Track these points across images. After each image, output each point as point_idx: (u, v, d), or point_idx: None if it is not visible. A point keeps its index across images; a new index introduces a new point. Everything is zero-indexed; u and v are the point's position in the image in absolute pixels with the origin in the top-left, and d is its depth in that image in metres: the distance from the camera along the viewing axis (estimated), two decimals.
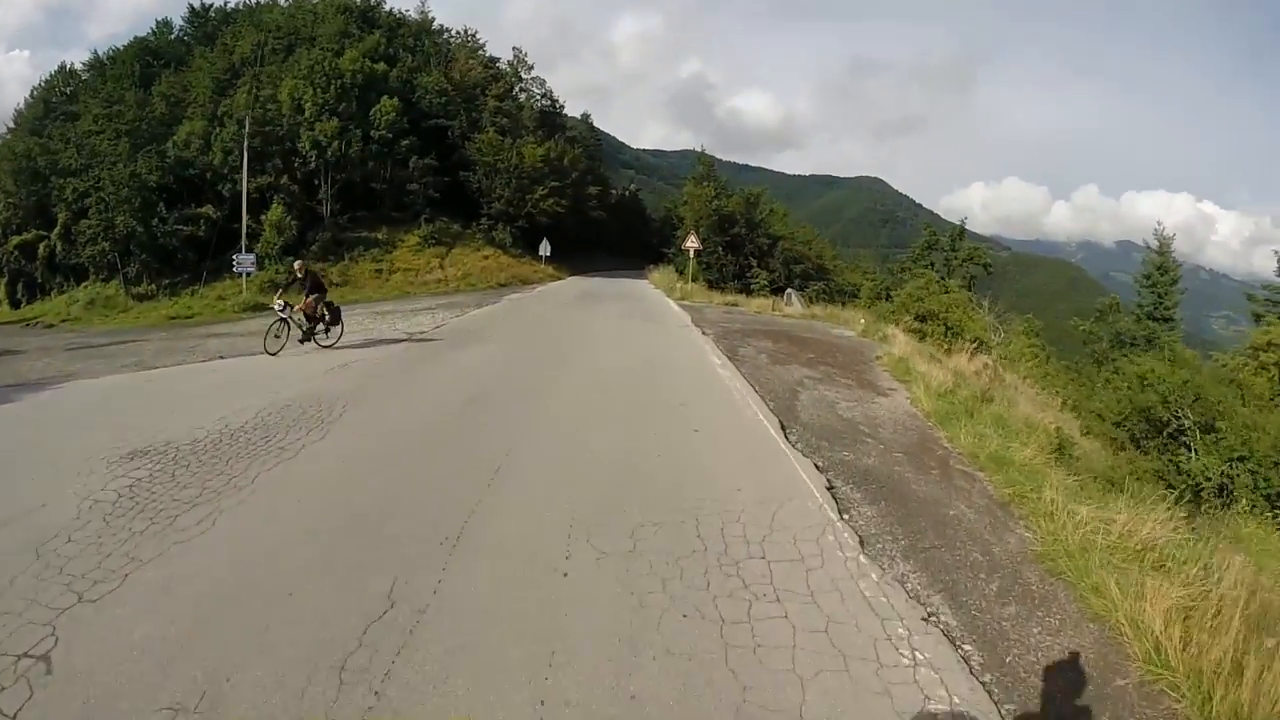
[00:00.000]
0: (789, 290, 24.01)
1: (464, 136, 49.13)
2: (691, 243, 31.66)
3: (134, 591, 4.24)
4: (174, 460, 6.54)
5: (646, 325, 18.51)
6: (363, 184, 43.71)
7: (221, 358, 12.65)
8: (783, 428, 8.75)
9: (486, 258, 46.23)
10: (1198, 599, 4.66)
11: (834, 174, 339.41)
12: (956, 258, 38.76)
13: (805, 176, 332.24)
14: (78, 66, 55.27)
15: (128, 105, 41.35)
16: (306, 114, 40.71)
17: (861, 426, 9.39)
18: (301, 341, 12.67)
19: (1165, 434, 14.36)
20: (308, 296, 12.67)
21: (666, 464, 7.00)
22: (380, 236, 43.22)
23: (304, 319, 12.63)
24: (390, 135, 43.84)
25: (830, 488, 6.69)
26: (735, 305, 26.03)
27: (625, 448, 7.47)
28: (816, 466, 7.30)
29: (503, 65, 60.19)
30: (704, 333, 16.84)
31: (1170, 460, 13.83)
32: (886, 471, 7.46)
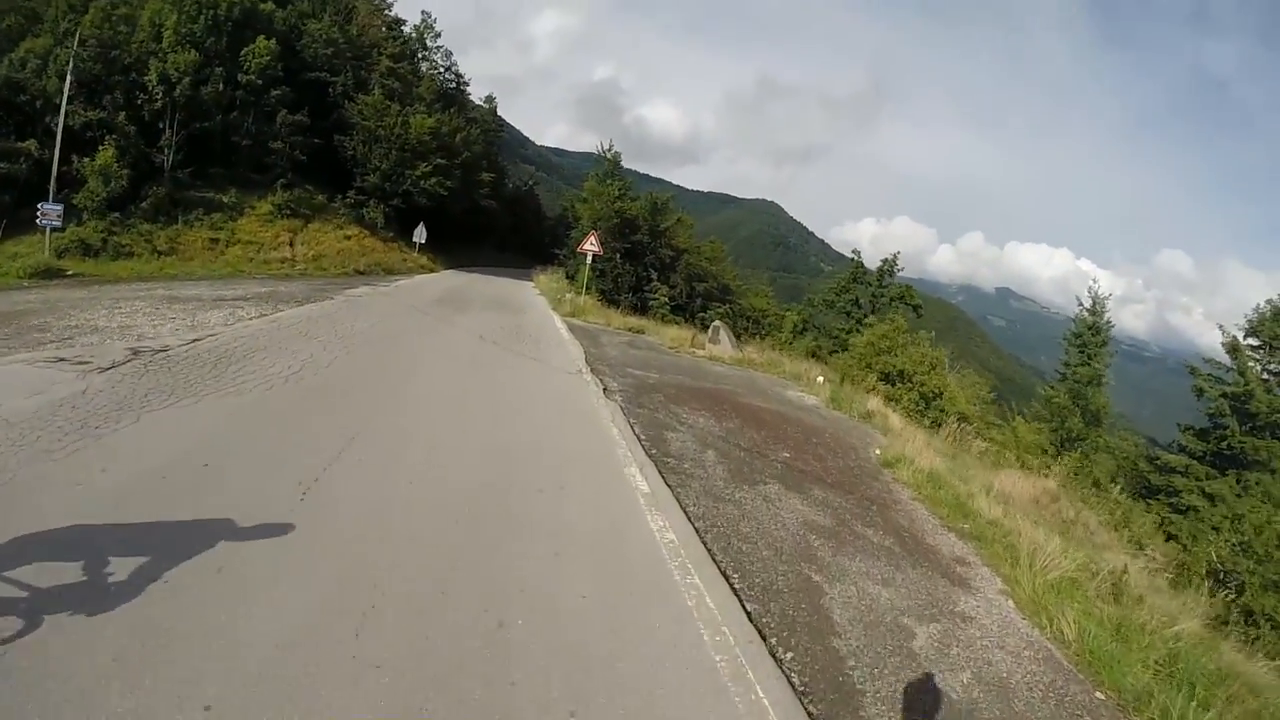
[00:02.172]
0: (717, 323, 18.11)
1: (347, 96, 41.19)
2: (591, 245, 25.47)
3: None
4: None
5: (518, 365, 12.06)
6: (221, 136, 35.08)
7: None
8: None
9: (349, 238, 38.51)
10: None
11: (732, 193, 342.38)
12: (885, 295, 34.62)
13: (704, 192, 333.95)
14: None
15: None
16: (164, 42, 31.83)
17: None
18: None
19: None
20: None
21: None
22: (226, 199, 34.69)
23: None
24: (260, 82, 35.60)
25: None
26: (640, 332, 20.04)
27: None
28: None
29: (408, 30, 52.44)
30: (606, 388, 10.68)
31: None
32: None
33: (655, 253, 36.98)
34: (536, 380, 10.98)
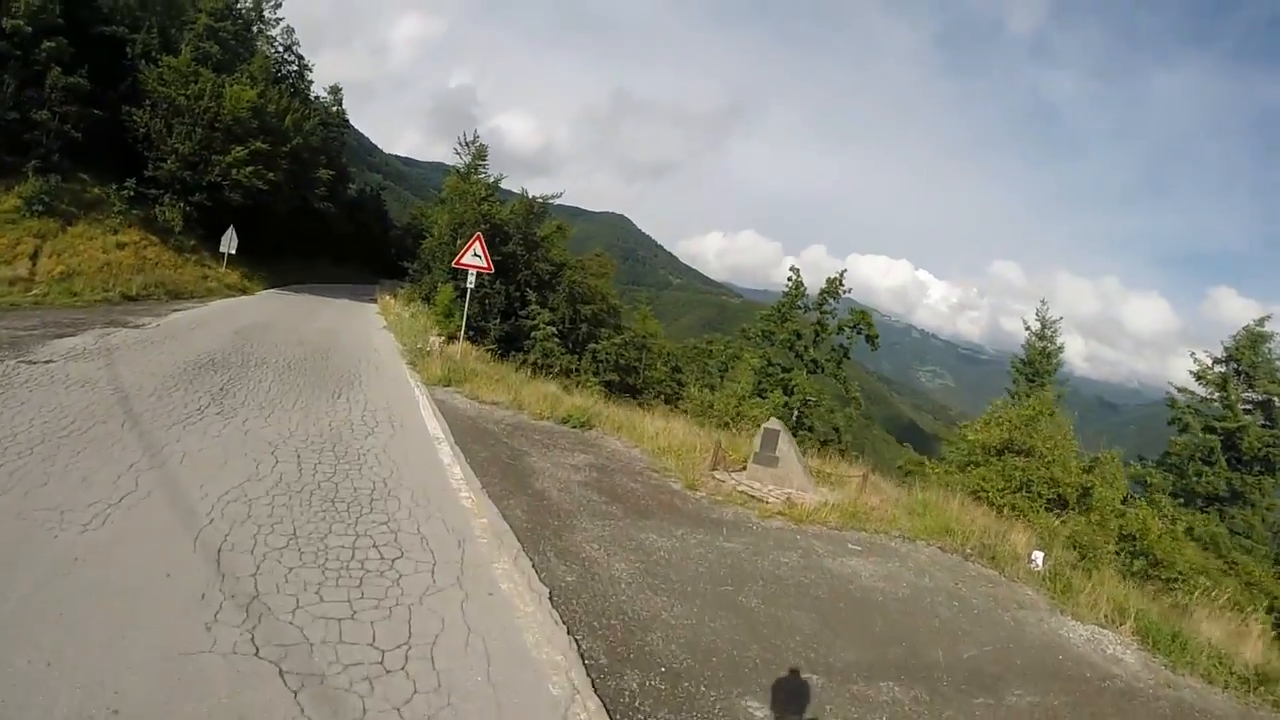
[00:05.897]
0: (773, 425, 9.12)
1: (147, 57, 29.31)
2: (474, 257, 16.45)
3: None
4: None
5: None
6: None
7: None
8: None
9: (123, 246, 26.84)
10: None
11: (582, 206, 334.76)
12: (831, 325, 27.86)
13: (554, 205, 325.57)
14: None
15: None
16: None
17: None
18: None
19: None
20: None
21: None
22: None
23: None
24: (30, 30, 24.35)
25: None
26: (586, 426, 11.43)
27: None
28: None
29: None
30: None
31: None
32: None
33: (531, 267, 28.34)
34: None
